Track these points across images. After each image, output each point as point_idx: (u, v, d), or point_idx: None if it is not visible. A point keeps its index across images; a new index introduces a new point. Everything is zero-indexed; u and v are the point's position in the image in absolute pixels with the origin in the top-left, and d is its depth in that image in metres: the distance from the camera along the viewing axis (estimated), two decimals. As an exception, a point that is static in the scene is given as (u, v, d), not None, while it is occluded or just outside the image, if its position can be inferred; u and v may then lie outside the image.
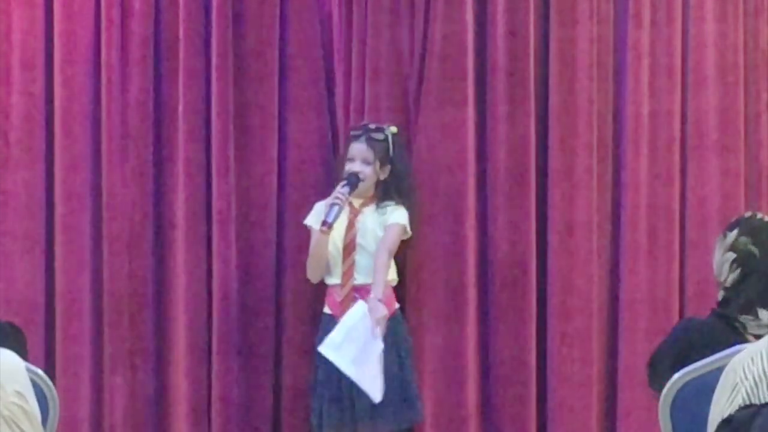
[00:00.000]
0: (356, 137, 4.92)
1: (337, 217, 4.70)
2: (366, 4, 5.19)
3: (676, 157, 5.34)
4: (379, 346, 4.65)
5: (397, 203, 4.94)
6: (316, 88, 5.24)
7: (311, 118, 5.17)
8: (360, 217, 4.90)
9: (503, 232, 5.23)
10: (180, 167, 5.17)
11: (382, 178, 4.92)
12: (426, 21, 5.21)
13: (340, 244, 4.87)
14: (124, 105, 5.18)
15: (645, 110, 5.31)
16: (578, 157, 5.26)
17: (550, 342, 5.27)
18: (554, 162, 5.27)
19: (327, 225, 4.70)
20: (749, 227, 3.56)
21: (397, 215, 4.92)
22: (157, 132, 5.21)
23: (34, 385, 2.89)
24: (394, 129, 5.01)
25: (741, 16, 5.37)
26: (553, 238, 5.27)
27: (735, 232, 3.55)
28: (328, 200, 4.76)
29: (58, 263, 5.15)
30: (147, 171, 5.20)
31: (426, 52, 5.20)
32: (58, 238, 5.15)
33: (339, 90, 5.23)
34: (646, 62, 5.31)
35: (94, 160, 5.19)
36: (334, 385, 4.80)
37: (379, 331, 4.65)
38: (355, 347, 4.69)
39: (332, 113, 5.23)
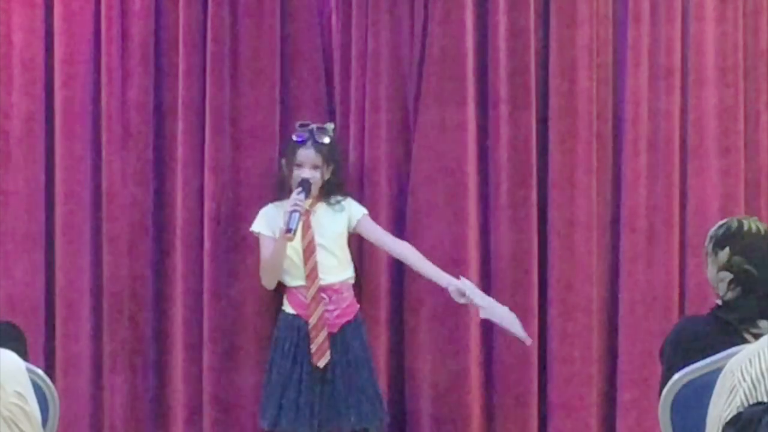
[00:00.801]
0: (302, 142, 4.89)
1: (298, 223, 4.69)
2: (366, 4, 5.19)
3: (676, 157, 5.34)
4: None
5: (343, 194, 4.97)
6: (315, 89, 5.24)
7: (312, 118, 5.16)
8: (313, 217, 4.89)
9: (504, 232, 5.23)
10: (180, 167, 5.17)
11: (327, 177, 4.93)
12: (426, 21, 5.21)
13: (299, 247, 4.85)
14: (124, 105, 5.18)
15: (645, 110, 5.31)
16: (578, 157, 5.26)
17: (551, 341, 5.27)
18: (554, 162, 5.27)
19: (291, 232, 4.68)
20: (741, 244, 3.48)
21: (357, 207, 4.98)
22: (157, 132, 5.22)
23: (34, 385, 2.89)
24: (332, 125, 5.04)
25: (741, 16, 5.37)
26: (553, 238, 5.27)
27: (727, 250, 3.48)
28: (287, 207, 4.72)
29: (58, 263, 5.16)
30: (147, 171, 5.20)
31: (426, 51, 5.20)
32: (58, 238, 5.15)
33: (338, 90, 5.23)
34: (646, 62, 5.31)
35: (94, 159, 5.19)
36: (294, 388, 4.80)
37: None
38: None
39: (332, 114, 5.23)
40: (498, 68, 5.21)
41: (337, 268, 4.89)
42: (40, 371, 3.19)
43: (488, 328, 5.22)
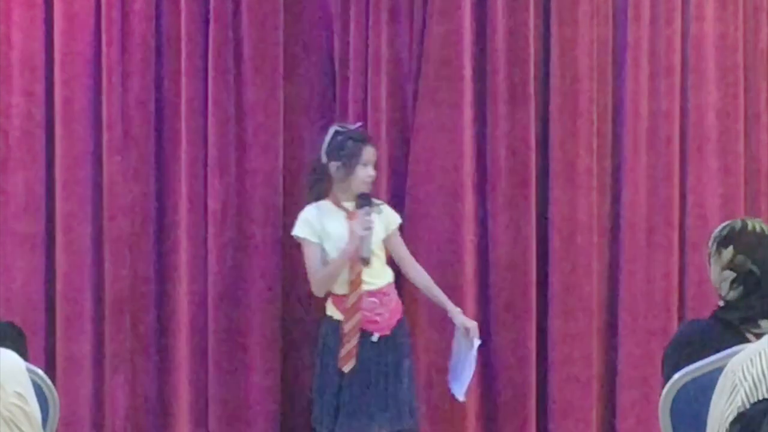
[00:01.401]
0: (364, 140, 4.86)
1: (370, 246, 4.69)
2: (366, 4, 5.19)
3: (676, 156, 5.34)
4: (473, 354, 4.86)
5: (375, 197, 4.95)
6: (316, 89, 5.24)
7: (313, 118, 5.17)
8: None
9: (503, 232, 5.23)
10: (182, 167, 5.17)
11: None
12: (424, 21, 5.21)
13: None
14: (125, 105, 5.18)
15: (645, 110, 5.32)
16: (578, 157, 5.26)
17: (551, 342, 5.27)
18: (554, 162, 5.27)
19: (367, 261, 4.69)
20: (744, 244, 3.47)
21: (393, 214, 4.95)
22: (158, 132, 5.22)
23: (34, 385, 2.88)
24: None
25: (741, 16, 5.38)
26: (553, 238, 5.27)
27: (730, 249, 3.47)
28: (357, 230, 4.68)
29: (58, 263, 5.15)
30: (148, 171, 5.20)
31: (424, 52, 5.20)
32: (59, 238, 5.15)
33: (338, 90, 5.23)
34: (646, 62, 5.32)
35: (95, 159, 5.18)
36: (334, 391, 4.78)
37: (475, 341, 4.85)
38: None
39: (332, 113, 5.23)
40: (497, 68, 5.22)
41: (381, 270, 4.86)
42: (40, 371, 3.18)
43: (487, 328, 5.23)
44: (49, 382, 3.22)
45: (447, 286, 5.16)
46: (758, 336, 3.25)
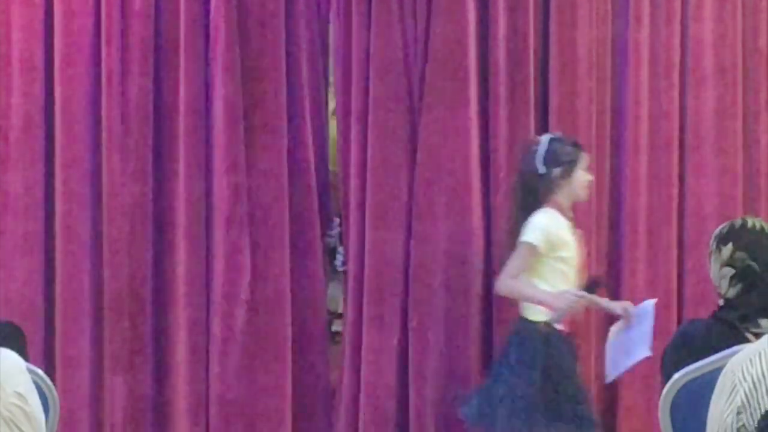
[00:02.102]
0: (581, 146, 4.88)
1: (560, 318, 4.71)
2: (369, 4, 5.19)
3: (675, 156, 5.34)
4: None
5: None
6: (318, 89, 5.24)
7: (313, 119, 5.17)
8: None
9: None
10: (181, 167, 5.17)
11: None
12: (428, 21, 5.20)
13: (574, 262, 4.81)
14: (125, 105, 5.18)
15: (644, 110, 5.32)
16: (578, 157, 5.26)
17: (551, 341, 5.27)
18: (555, 162, 5.27)
19: (549, 325, 4.70)
20: (744, 241, 3.48)
21: None
22: (158, 132, 5.21)
23: (34, 384, 2.89)
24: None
25: (739, 16, 5.38)
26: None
27: (730, 246, 3.48)
28: (562, 303, 4.67)
29: (58, 263, 5.15)
30: (147, 171, 5.19)
31: (428, 52, 5.20)
32: (58, 238, 5.15)
33: (340, 91, 5.23)
34: (645, 62, 5.32)
35: (94, 160, 5.18)
36: (570, 393, 4.79)
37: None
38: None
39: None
40: (498, 68, 5.21)
41: None
42: (40, 371, 3.18)
43: (490, 328, 5.22)
44: (49, 382, 3.22)
45: (454, 286, 5.17)
46: (758, 336, 3.25)
